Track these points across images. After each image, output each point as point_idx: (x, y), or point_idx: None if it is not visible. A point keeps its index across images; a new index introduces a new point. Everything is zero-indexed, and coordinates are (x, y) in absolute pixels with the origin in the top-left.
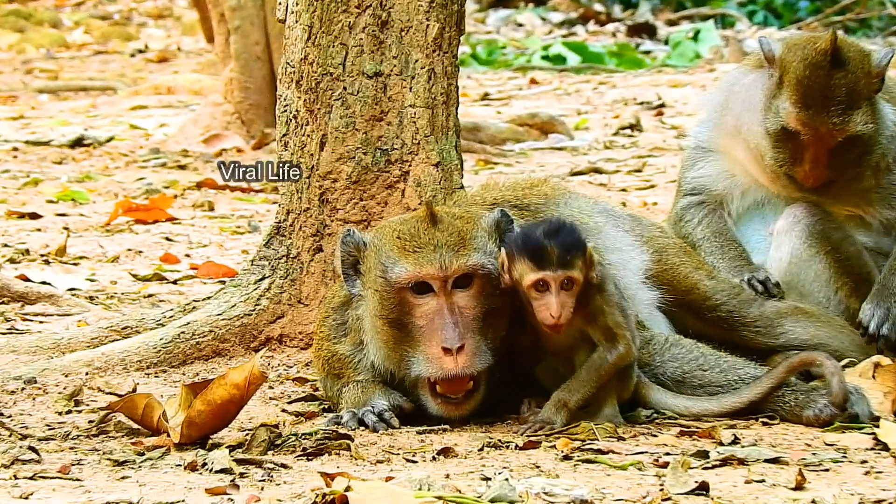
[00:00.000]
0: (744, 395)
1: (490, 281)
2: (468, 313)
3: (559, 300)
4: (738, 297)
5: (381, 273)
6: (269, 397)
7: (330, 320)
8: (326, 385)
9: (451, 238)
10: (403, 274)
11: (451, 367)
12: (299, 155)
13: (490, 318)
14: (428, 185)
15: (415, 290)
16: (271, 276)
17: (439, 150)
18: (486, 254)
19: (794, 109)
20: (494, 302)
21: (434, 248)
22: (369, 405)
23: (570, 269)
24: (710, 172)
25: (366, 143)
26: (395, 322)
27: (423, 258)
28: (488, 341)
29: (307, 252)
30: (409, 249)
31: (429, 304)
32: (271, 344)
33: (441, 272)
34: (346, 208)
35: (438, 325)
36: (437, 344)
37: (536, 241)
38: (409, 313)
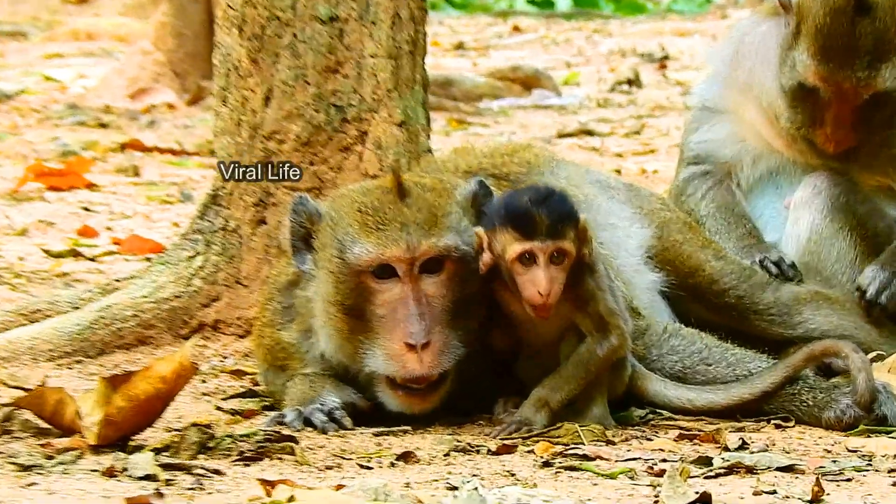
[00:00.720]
0: (755, 384)
1: (464, 265)
2: (437, 303)
3: (548, 274)
4: (749, 280)
5: (338, 252)
6: (202, 393)
7: (274, 303)
8: (268, 379)
9: (421, 214)
10: (364, 255)
11: (415, 367)
12: (240, 112)
13: (462, 309)
14: (390, 149)
15: (376, 273)
16: (206, 252)
17: (404, 108)
18: (461, 233)
19: (812, 62)
20: (468, 289)
21: (401, 225)
22: (318, 402)
23: (560, 239)
24: (716, 136)
25: (318, 98)
26: (352, 309)
27: (387, 237)
28: (459, 333)
29: (248, 224)
30: (372, 226)
31: (392, 291)
32: (205, 331)
33: (408, 254)
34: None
35: (402, 316)
36: (399, 338)
37: (523, 207)
38: (369, 300)
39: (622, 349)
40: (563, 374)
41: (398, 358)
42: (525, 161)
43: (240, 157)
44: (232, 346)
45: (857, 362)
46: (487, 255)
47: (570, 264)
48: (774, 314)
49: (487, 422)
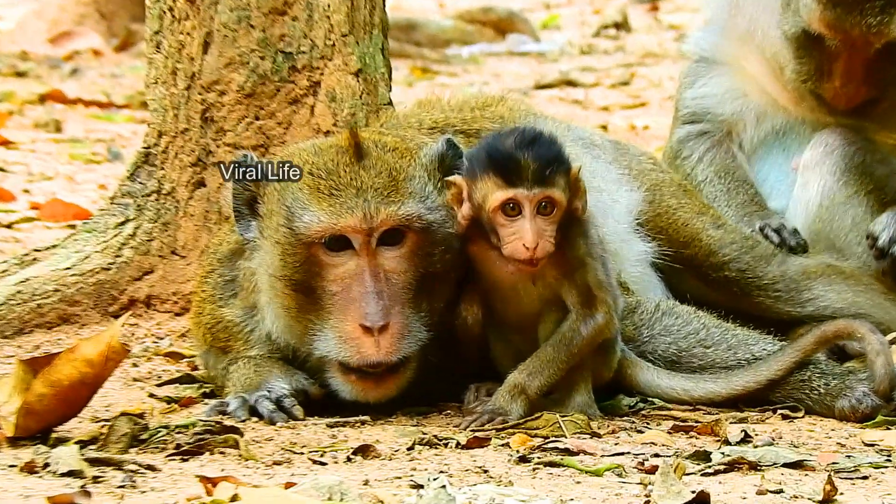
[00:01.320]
0: (760, 372)
1: (428, 236)
2: (397, 279)
3: (535, 226)
4: (752, 251)
5: (286, 220)
6: (133, 378)
7: (215, 276)
8: (209, 362)
9: (380, 179)
10: (315, 224)
11: (370, 353)
12: (176, 59)
13: (427, 286)
14: (345, 101)
15: (329, 245)
16: (137, 218)
17: (360, 55)
18: (425, 200)
19: (817, 6)
20: (433, 264)
21: (357, 191)
22: (264, 389)
23: (549, 186)
24: (715, 91)
25: (264, 44)
26: (301, 285)
27: (341, 204)
28: (423, 315)
29: (185, 187)
30: (325, 191)
31: (346, 266)
32: (136, 307)
33: (364, 224)
34: (237, 130)
35: (357, 294)
36: (353, 320)
37: (506, 151)
38: (320, 275)
39: (609, 329)
40: (542, 356)
41: (352, 341)
42: (498, 116)
43: (175, 109)
44: (167, 325)
45: (874, 344)
46: (467, 207)
47: (559, 216)
48: (781, 290)
49: (456, 411)
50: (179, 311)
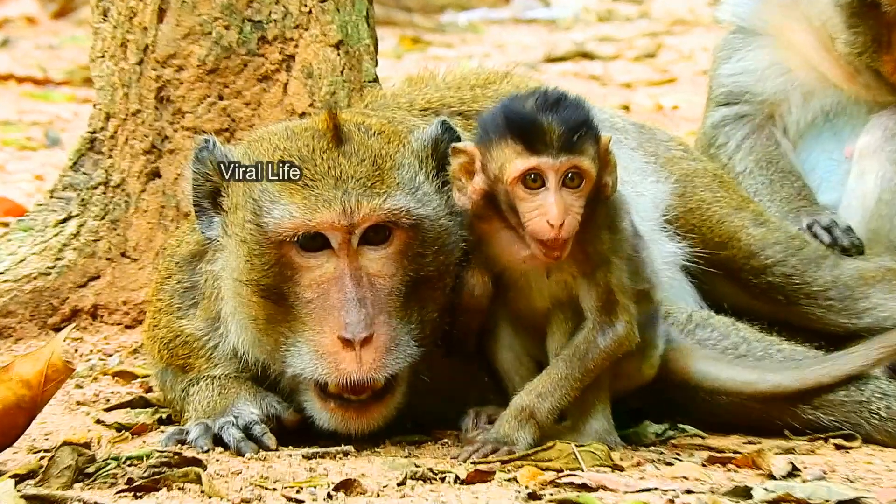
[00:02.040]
0: (839, 364)
1: (418, 234)
2: (383, 284)
3: (560, 199)
4: (799, 252)
5: (253, 216)
6: (77, 401)
7: (172, 282)
8: (166, 382)
9: (363, 167)
10: (286, 220)
11: (351, 370)
12: (126, 29)
13: (417, 292)
14: (323, 78)
15: (303, 245)
16: (81, 214)
17: (341, 24)
18: (415, 191)
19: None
20: (425, 266)
21: (335, 181)
22: (230, 414)
23: (577, 154)
24: (755, 66)
25: (228, 11)
26: (271, 291)
27: (317, 197)
28: (413, 326)
29: (136, 178)
30: (299, 182)
31: (323, 268)
32: (81, 319)
33: (343, 220)
34: (198, 111)
35: (336, 301)
36: (331, 331)
37: (528, 114)
38: (293, 280)
39: (630, 341)
40: (552, 373)
41: (330, 357)
42: (502, 95)
43: (125, 88)
44: (116, 340)
45: None
46: (480, 179)
47: (588, 190)
48: (833, 298)
49: (454, 440)
50: (131, 323)
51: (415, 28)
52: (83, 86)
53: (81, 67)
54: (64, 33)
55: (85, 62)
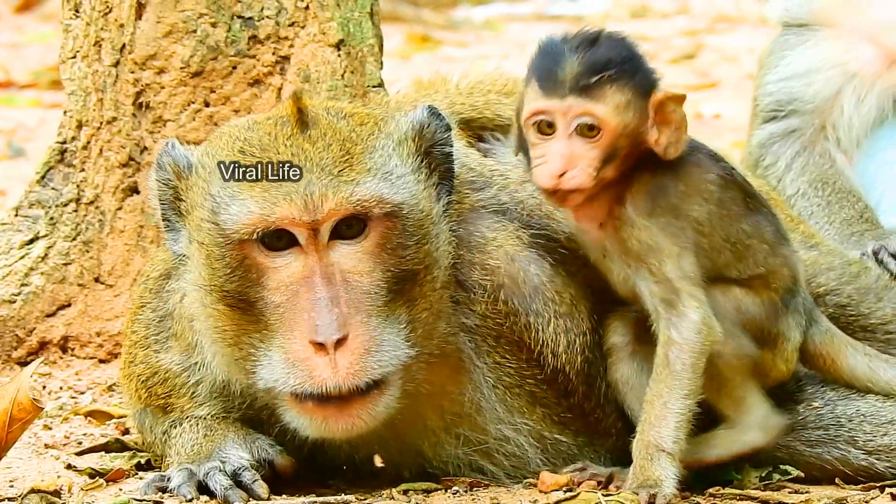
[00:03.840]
0: None
1: (398, 223)
2: (359, 281)
3: (567, 148)
4: (856, 280)
5: (210, 214)
6: (46, 444)
7: (147, 311)
8: (144, 424)
9: (330, 153)
10: (244, 216)
11: (325, 375)
12: (100, 27)
13: (403, 289)
14: (322, 81)
15: (267, 243)
16: (50, 234)
17: (342, 21)
18: (388, 176)
19: None
20: (407, 260)
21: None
22: (217, 459)
23: (590, 98)
24: (804, 66)
25: (216, 6)
26: (236, 297)
27: (278, 189)
28: (402, 326)
29: (112, 195)
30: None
31: (291, 268)
32: (49, 352)
33: (307, 214)
34: (181, 119)
35: (306, 302)
36: (302, 335)
37: (552, 50)
38: (259, 283)
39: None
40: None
41: (302, 363)
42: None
43: (100, 92)
44: (89, 376)
45: None
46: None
47: (608, 143)
48: (894, 333)
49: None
50: (105, 357)
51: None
52: (51, 89)
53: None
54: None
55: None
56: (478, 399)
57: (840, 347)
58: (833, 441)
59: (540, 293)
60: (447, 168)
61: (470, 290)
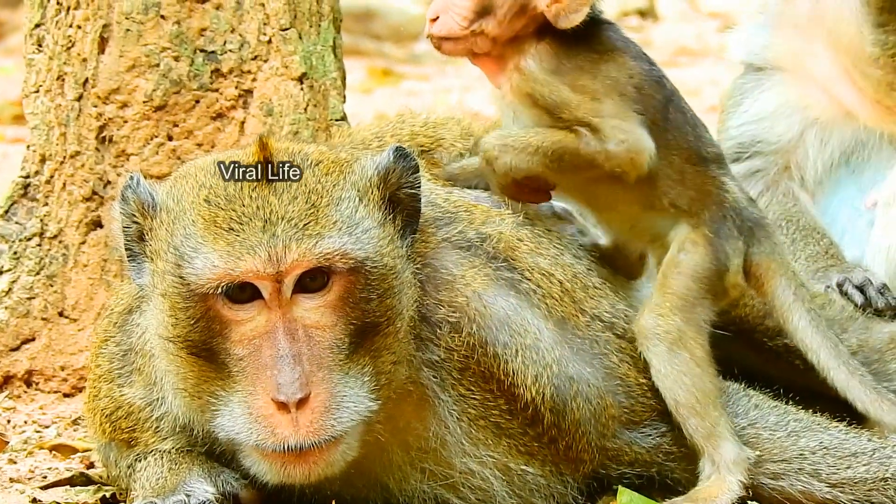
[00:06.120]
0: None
1: (361, 277)
2: (322, 336)
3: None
4: (822, 313)
5: (174, 266)
6: (10, 479)
7: (111, 346)
8: (109, 458)
9: (295, 206)
10: (208, 270)
11: (287, 434)
12: (63, 60)
13: (366, 342)
14: (285, 115)
15: (231, 296)
16: (14, 269)
17: (305, 55)
18: (353, 230)
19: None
20: (370, 313)
21: (263, 224)
22: (182, 493)
23: None
24: (767, 109)
25: (178, 40)
26: (199, 348)
27: (242, 243)
28: (366, 379)
29: (76, 228)
30: (222, 225)
31: (254, 322)
32: (13, 385)
33: (270, 267)
34: (145, 153)
35: (268, 358)
36: (264, 391)
37: None
38: (222, 335)
39: (635, 165)
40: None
41: (265, 420)
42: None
43: (63, 126)
44: (54, 409)
45: None
46: None
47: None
48: (860, 362)
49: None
50: (70, 391)
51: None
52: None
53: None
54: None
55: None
56: (442, 433)
57: (773, 274)
58: (796, 474)
59: (506, 325)
60: (413, 208)
61: (435, 326)
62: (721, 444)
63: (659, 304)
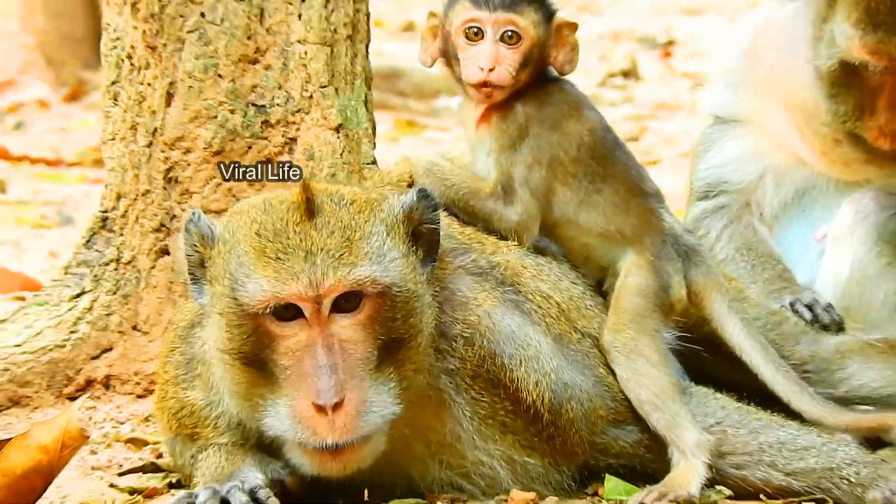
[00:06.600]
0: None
1: (388, 300)
2: (354, 350)
3: (494, 49)
4: (778, 328)
5: (230, 290)
6: (92, 467)
7: (177, 355)
8: (175, 449)
9: (332, 239)
10: (258, 294)
11: (325, 434)
12: (136, 113)
13: (392, 353)
14: (324, 159)
15: (277, 315)
16: (94, 289)
17: (341, 108)
18: (383, 260)
19: (854, 32)
20: (396, 329)
21: (305, 254)
22: (237, 479)
23: (514, 12)
24: (731, 156)
25: (233, 95)
26: (250, 359)
27: (287, 270)
28: (392, 385)
29: (147, 255)
30: (271, 255)
31: (297, 337)
32: (94, 389)
33: (311, 291)
34: (204, 191)
35: (309, 368)
36: (306, 396)
37: None
38: (270, 347)
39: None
40: None
41: (306, 421)
42: None
43: (135, 169)
44: (128, 409)
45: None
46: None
47: (526, 49)
48: (811, 370)
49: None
50: (142, 393)
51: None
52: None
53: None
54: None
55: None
56: (457, 430)
57: (709, 292)
58: (756, 465)
59: (512, 340)
60: (433, 240)
61: (451, 340)
62: (682, 433)
63: (614, 321)
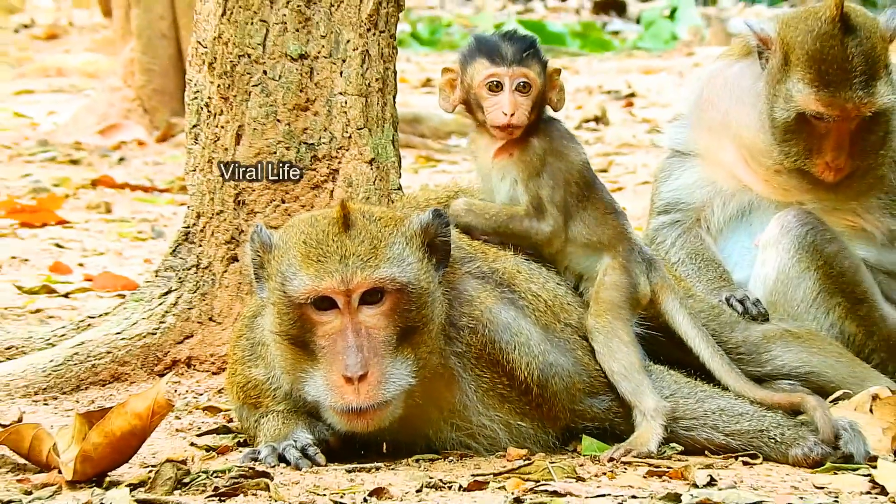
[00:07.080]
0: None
1: (405, 296)
2: (377, 334)
3: (513, 98)
4: (717, 318)
5: (280, 284)
6: (176, 429)
7: (243, 340)
8: (242, 415)
9: (362, 246)
10: (302, 287)
11: (352, 399)
12: (212, 149)
13: (408, 338)
14: (360, 186)
15: (316, 305)
16: (178, 289)
17: (374, 145)
18: (401, 264)
19: (810, 90)
20: (411, 319)
21: (340, 258)
22: (291, 439)
23: (525, 66)
24: (687, 182)
25: (289, 136)
26: (296, 340)
27: (324, 270)
28: (408, 363)
29: (220, 262)
30: (313, 258)
31: (332, 323)
32: (178, 367)
33: (342, 286)
34: (266, 211)
35: (341, 347)
36: (337, 370)
37: (492, 39)
38: (311, 331)
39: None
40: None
41: (337, 389)
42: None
43: (212, 194)
44: (205, 383)
45: (811, 402)
46: (458, 90)
47: (535, 96)
48: (743, 353)
49: (458, 458)
50: (216, 371)
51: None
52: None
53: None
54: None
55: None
56: (464, 400)
57: (664, 293)
58: (702, 427)
59: (508, 329)
60: (445, 251)
61: (460, 329)
62: (644, 399)
63: (595, 309)
